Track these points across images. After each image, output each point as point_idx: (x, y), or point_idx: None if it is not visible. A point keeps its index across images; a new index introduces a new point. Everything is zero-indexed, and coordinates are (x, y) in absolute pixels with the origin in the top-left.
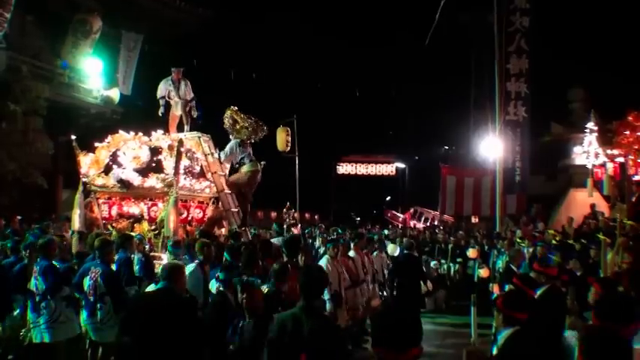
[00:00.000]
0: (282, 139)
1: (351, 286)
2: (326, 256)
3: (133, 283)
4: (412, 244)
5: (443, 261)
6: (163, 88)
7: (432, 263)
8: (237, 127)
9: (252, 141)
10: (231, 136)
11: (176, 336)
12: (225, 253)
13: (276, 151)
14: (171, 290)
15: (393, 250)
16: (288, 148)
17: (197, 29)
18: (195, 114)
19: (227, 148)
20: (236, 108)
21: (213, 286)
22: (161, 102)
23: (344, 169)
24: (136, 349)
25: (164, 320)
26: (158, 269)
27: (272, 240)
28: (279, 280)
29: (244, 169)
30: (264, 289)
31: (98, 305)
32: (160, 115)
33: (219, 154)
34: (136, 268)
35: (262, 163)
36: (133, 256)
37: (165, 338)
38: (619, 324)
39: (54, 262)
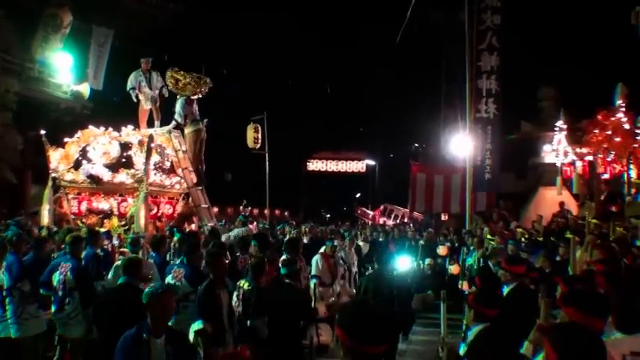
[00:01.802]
0: (251, 136)
1: (330, 284)
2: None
3: (100, 278)
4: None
5: (413, 258)
6: (134, 80)
7: (426, 261)
8: (180, 84)
9: (198, 96)
10: (177, 96)
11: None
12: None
13: (246, 148)
14: (131, 284)
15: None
16: (258, 145)
17: (169, 25)
18: (166, 93)
19: (178, 108)
20: (177, 68)
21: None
22: (132, 92)
23: (314, 165)
24: (104, 344)
25: (128, 314)
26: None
27: (236, 230)
28: (258, 274)
29: (187, 130)
30: (244, 283)
31: (66, 300)
32: (135, 100)
33: (175, 118)
34: None
35: (205, 120)
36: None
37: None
38: (593, 317)
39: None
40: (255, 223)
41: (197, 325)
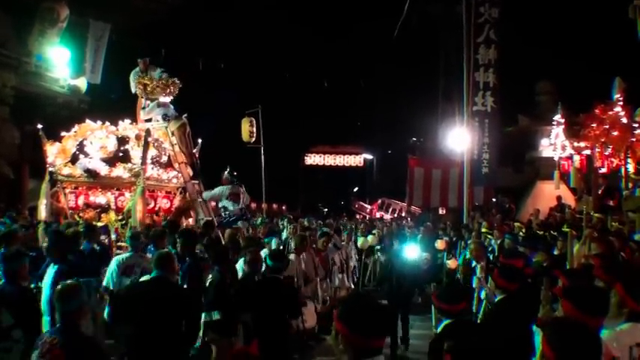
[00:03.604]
0: (246, 129)
1: (324, 278)
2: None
3: (97, 274)
4: None
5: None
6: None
7: (423, 255)
8: (149, 89)
9: (171, 97)
10: (149, 104)
11: (174, 323)
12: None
13: (241, 141)
14: (165, 279)
15: (364, 243)
16: (253, 138)
17: (166, 18)
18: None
19: (159, 115)
20: (143, 74)
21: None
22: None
23: (312, 159)
24: (134, 338)
25: (161, 308)
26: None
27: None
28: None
29: (172, 128)
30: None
31: None
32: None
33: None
34: None
35: (185, 115)
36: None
37: (163, 326)
38: (591, 315)
39: None
40: (243, 188)
41: (215, 316)
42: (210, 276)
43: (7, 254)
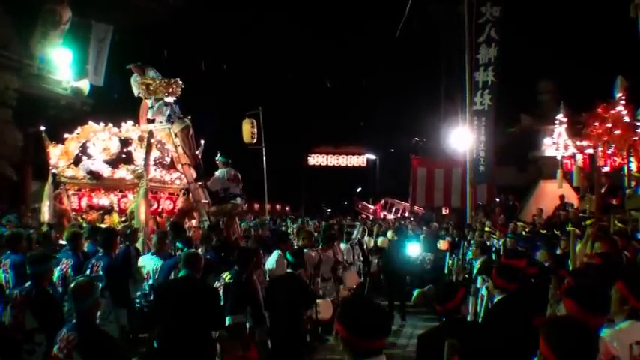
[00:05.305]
0: (248, 131)
1: (329, 278)
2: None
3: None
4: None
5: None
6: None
7: (427, 255)
8: (152, 88)
9: (174, 98)
10: (155, 104)
11: (201, 320)
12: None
13: (243, 142)
14: (192, 277)
15: (368, 242)
16: (254, 140)
17: (168, 19)
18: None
19: (166, 114)
20: (142, 74)
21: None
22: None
23: (314, 160)
24: (164, 335)
25: (190, 306)
26: None
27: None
28: (244, 267)
29: (175, 130)
30: (227, 275)
31: (66, 297)
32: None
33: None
34: None
35: (188, 118)
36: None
37: (191, 323)
38: (594, 313)
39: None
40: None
41: (229, 321)
42: (228, 275)
43: (34, 256)
